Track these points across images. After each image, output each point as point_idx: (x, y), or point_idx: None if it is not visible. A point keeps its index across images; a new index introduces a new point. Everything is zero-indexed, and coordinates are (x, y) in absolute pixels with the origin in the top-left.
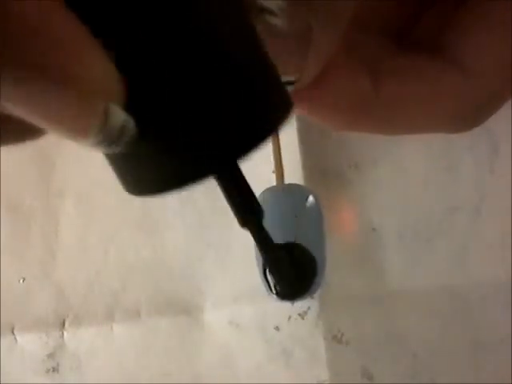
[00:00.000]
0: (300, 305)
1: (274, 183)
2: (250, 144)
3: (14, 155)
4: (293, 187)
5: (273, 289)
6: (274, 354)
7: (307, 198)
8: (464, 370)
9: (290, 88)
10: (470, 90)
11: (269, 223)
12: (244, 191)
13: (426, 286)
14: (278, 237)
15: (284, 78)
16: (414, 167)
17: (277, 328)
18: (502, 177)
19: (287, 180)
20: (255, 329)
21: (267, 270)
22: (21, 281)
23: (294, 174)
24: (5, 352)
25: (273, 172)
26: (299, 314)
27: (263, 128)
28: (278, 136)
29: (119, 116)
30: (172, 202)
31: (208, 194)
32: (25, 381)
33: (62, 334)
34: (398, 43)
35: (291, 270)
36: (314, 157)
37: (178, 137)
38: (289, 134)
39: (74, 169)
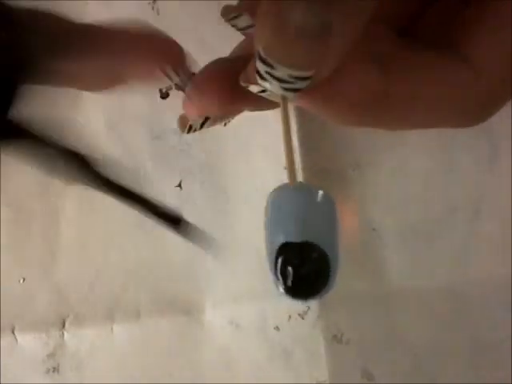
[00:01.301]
0: (300, 305)
1: (278, 181)
2: None
3: None
4: (306, 185)
5: (284, 286)
6: (274, 354)
7: (321, 196)
8: (464, 370)
9: (306, 83)
10: (479, 87)
11: (282, 222)
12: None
13: (426, 286)
14: (291, 235)
15: (300, 74)
16: (414, 167)
17: (277, 328)
18: (502, 177)
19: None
20: (255, 329)
21: (279, 266)
22: (21, 281)
23: None
24: (5, 352)
25: (284, 168)
26: (299, 314)
27: None
28: (289, 133)
29: None
30: (172, 202)
31: (208, 193)
32: (25, 381)
33: (62, 333)
34: (405, 38)
35: (304, 269)
36: (315, 157)
37: None
38: None
39: None
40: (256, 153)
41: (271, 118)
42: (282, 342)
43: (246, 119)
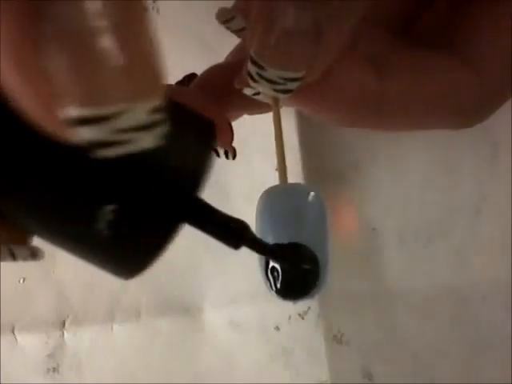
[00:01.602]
0: (300, 305)
1: (278, 181)
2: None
3: None
4: (296, 186)
5: (274, 287)
6: (274, 354)
7: (311, 197)
8: (464, 370)
9: (296, 84)
10: (479, 87)
11: (271, 223)
12: (217, 220)
13: (426, 286)
14: (280, 237)
15: (291, 75)
16: (414, 167)
17: (277, 328)
18: (502, 177)
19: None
20: (255, 329)
21: (269, 268)
22: (21, 281)
23: (294, 175)
24: (5, 352)
25: (276, 170)
26: (299, 314)
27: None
28: (281, 134)
29: None
30: None
31: (208, 193)
32: (25, 381)
33: (62, 333)
34: (404, 39)
35: (294, 270)
36: (314, 157)
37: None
38: (289, 134)
39: None
40: (256, 153)
41: (271, 119)
42: (282, 341)
43: (246, 120)
